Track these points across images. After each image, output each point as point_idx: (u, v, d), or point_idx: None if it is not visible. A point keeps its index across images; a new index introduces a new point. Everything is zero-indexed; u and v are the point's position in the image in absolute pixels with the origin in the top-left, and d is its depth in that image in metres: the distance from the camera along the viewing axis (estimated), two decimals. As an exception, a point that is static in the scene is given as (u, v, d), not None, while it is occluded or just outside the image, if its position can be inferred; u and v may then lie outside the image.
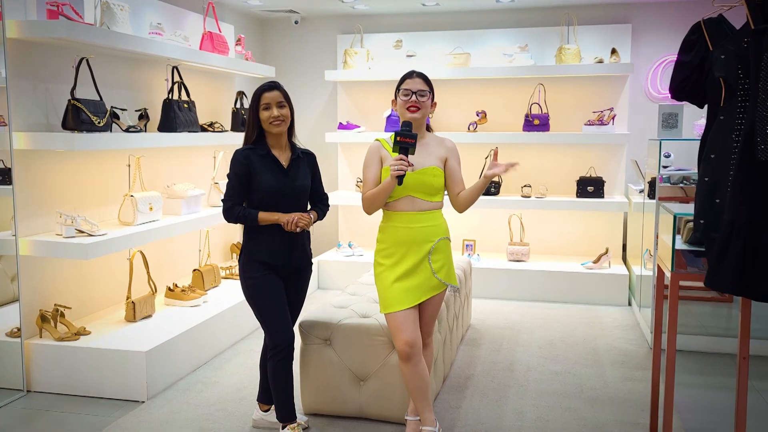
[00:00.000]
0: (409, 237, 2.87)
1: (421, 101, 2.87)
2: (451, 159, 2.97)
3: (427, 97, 2.89)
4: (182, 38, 4.64)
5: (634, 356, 4.25)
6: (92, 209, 4.15)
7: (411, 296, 2.86)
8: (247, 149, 2.97)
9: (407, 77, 2.92)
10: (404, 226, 2.88)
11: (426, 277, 2.88)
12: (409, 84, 2.88)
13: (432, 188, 2.89)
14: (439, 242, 2.91)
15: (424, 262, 2.88)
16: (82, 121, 3.69)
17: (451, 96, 6.24)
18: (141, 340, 3.71)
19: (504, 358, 4.20)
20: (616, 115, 5.84)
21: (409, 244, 2.87)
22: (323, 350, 3.29)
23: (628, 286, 5.51)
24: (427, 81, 2.93)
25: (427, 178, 2.87)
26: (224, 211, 2.98)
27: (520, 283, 5.67)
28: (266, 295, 2.95)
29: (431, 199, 2.90)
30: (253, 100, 2.95)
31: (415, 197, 2.88)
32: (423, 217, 2.89)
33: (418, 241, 2.88)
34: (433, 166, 2.90)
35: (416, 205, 2.88)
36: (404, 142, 2.74)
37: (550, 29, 6.02)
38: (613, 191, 6.03)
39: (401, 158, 2.72)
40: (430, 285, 2.89)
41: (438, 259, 2.91)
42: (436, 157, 2.93)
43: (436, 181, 2.89)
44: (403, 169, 2.71)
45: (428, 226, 2.89)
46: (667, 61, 5.92)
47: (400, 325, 2.84)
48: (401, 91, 2.89)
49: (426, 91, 2.89)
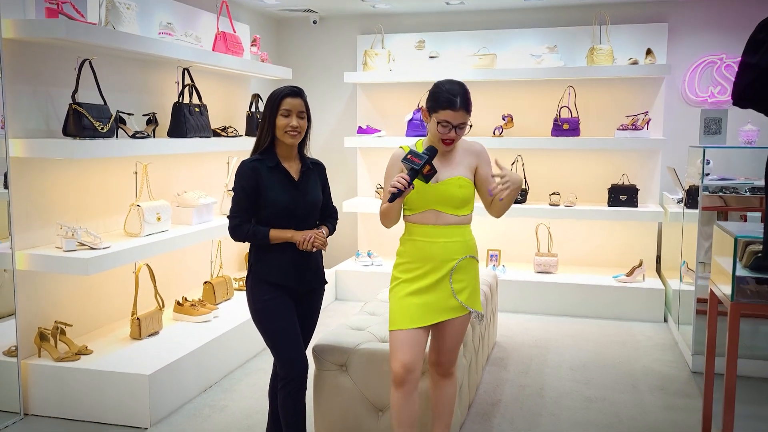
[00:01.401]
0: (430, 253, 2.60)
1: (459, 135, 2.58)
2: (482, 166, 2.66)
3: (465, 128, 2.58)
4: (194, 39, 4.41)
5: (675, 380, 3.93)
6: (97, 220, 3.93)
7: (423, 315, 2.58)
8: (254, 160, 2.72)
9: (449, 106, 2.50)
10: (426, 241, 2.61)
11: (444, 296, 2.60)
12: (451, 116, 2.51)
13: (458, 200, 2.60)
14: (464, 261, 2.62)
15: (444, 281, 2.60)
16: (84, 127, 3.46)
17: (475, 99, 5.81)
18: (145, 361, 3.48)
19: (533, 382, 3.91)
20: (650, 119, 5.52)
21: (429, 260, 2.60)
22: (338, 377, 3.03)
23: (663, 302, 5.18)
24: (469, 109, 2.56)
25: (452, 190, 2.59)
26: (231, 229, 2.72)
27: (548, 297, 5.37)
28: (277, 319, 2.69)
29: (458, 212, 2.62)
30: (271, 102, 2.68)
31: (440, 211, 2.60)
32: (447, 231, 2.61)
33: (440, 258, 2.60)
34: (459, 177, 2.61)
35: (440, 218, 2.61)
36: (410, 161, 2.48)
37: (580, 29, 5.72)
38: (647, 200, 5.71)
39: (402, 176, 2.47)
40: (448, 306, 2.60)
41: (461, 279, 2.62)
42: (463, 166, 2.64)
43: (463, 193, 2.60)
44: (397, 188, 2.46)
45: (452, 242, 2.61)
46: (706, 62, 5.58)
47: (402, 344, 2.57)
48: (440, 123, 2.54)
49: (466, 123, 2.57)
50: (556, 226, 5.82)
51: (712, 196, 4.10)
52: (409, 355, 2.57)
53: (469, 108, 2.56)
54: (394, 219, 2.64)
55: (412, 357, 2.57)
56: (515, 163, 5.81)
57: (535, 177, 5.89)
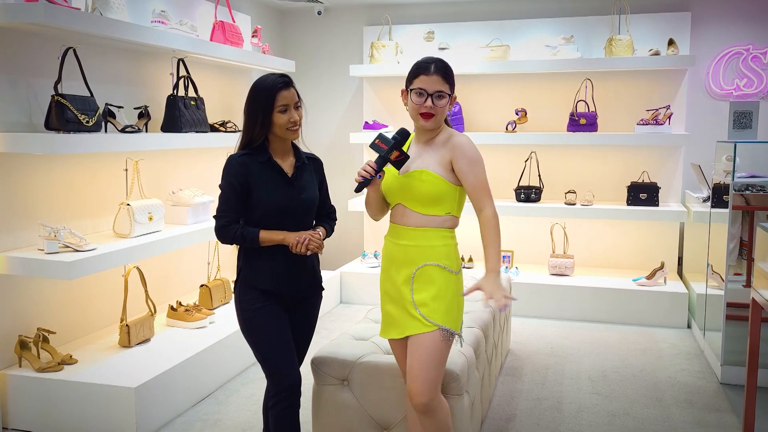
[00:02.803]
0: (393, 255, 2.39)
1: (438, 107, 2.29)
2: (457, 160, 2.30)
3: (446, 99, 2.31)
4: (189, 28, 4.16)
5: (703, 393, 3.65)
6: (85, 220, 3.69)
7: (395, 326, 2.40)
8: (243, 155, 2.46)
9: (422, 71, 2.30)
10: (391, 241, 2.41)
11: (405, 309, 2.34)
12: (425, 82, 2.28)
13: (422, 197, 2.31)
14: (426, 269, 2.30)
15: (404, 288, 2.34)
16: (68, 120, 3.22)
17: (487, 93, 5.70)
18: (132, 371, 3.24)
19: (550, 394, 3.64)
20: (672, 113, 5.24)
21: (392, 261, 2.39)
22: (339, 392, 2.77)
23: (687, 307, 4.89)
24: (448, 77, 2.32)
25: (414, 184, 2.31)
26: (217, 230, 2.47)
27: (564, 301, 5.10)
28: (267, 330, 2.44)
29: (425, 211, 2.32)
30: (263, 98, 2.41)
31: (407, 207, 2.35)
32: (410, 233, 2.34)
33: (400, 262, 2.36)
34: (423, 169, 2.32)
35: (405, 217, 2.36)
36: (377, 146, 2.30)
37: (598, 18, 5.44)
38: (669, 198, 5.43)
39: (368, 163, 2.30)
40: (412, 321, 2.31)
41: (424, 289, 2.31)
42: (433, 159, 2.34)
43: (426, 188, 2.30)
44: (362, 174, 2.28)
45: (413, 246, 2.32)
46: (732, 53, 5.28)
47: (397, 354, 2.49)
48: (414, 90, 2.31)
49: (445, 92, 2.30)
50: (572, 226, 5.54)
51: (739, 194, 3.84)
52: (404, 363, 2.42)
53: (448, 76, 2.32)
54: (377, 210, 2.48)
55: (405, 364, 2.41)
56: (529, 160, 5.54)
57: (550, 174, 5.61)
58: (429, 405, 2.27)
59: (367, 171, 2.29)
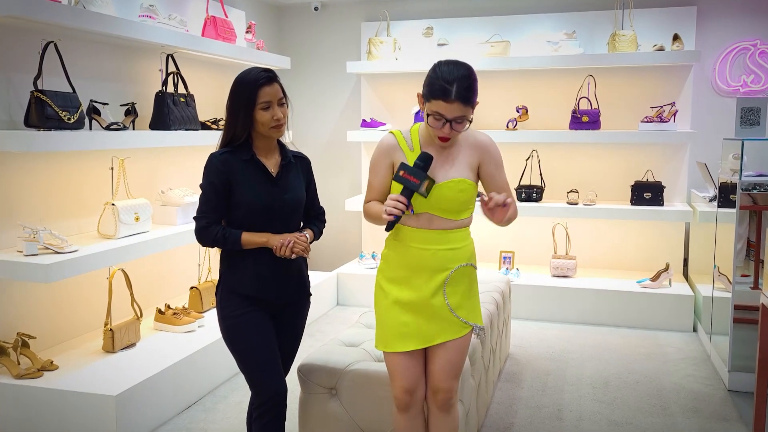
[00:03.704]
0: (421, 261, 2.23)
1: (456, 131, 2.15)
2: (486, 164, 2.26)
3: (465, 122, 2.15)
4: (178, 22, 4.04)
5: (709, 401, 3.51)
6: (69, 221, 3.58)
7: (419, 336, 2.25)
8: (225, 152, 2.35)
9: (442, 96, 2.07)
10: (416, 247, 2.23)
11: (441, 315, 2.24)
12: (444, 108, 2.08)
13: (458, 205, 2.21)
14: (459, 270, 2.25)
15: (438, 295, 2.22)
16: (48, 117, 3.10)
17: (487, 90, 5.55)
18: (115, 378, 3.11)
19: (550, 401, 3.51)
20: (677, 110, 5.10)
21: (420, 269, 2.23)
22: (327, 402, 2.64)
23: (692, 309, 4.75)
24: (469, 100, 2.09)
25: (452, 195, 2.19)
26: (197, 232, 2.35)
27: (566, 303, 4.96)
28: (249, 338, 2.32)
29: (456, 217, 2.23)
30: (244, 94, 2.31)
31: (435, 215, 2.22)
32: (442, 237, 2.22)
33: (432, 268, 2.23)
34: (460, 179, 2.21)
35: (434, 223, 2.22)
36: (406, 180, 2.11)
37: (601, 13, 5.30)
38: (674, 198, 5.29)
39: (398, 199, 2.10)
40: (445, 324, 2.24)
41: (456, 291, 2.24)
42: (465, 165, 2.24)
43: (464, 197, 2.21)
44: (394, 213, 2.10)
45: (446, 250, 2.23)
46: (739, 49, 5.13)
47: (399, 368, 2.27)
48: (431, 114, 2.13)
49: (466, 117, 2.13)
50: (575, 227, 5.40)
51: (747, 193, 3.70)
52: (410, 378, 2.26)
53: (471, 99, 2.10)
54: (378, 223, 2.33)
55: (413, 380, 2.27)
56: (530, 159, 5.40)
57: (552, 173, 5.48)
58: (453, 399, 2.31)
59: (398, 208, 2.09)
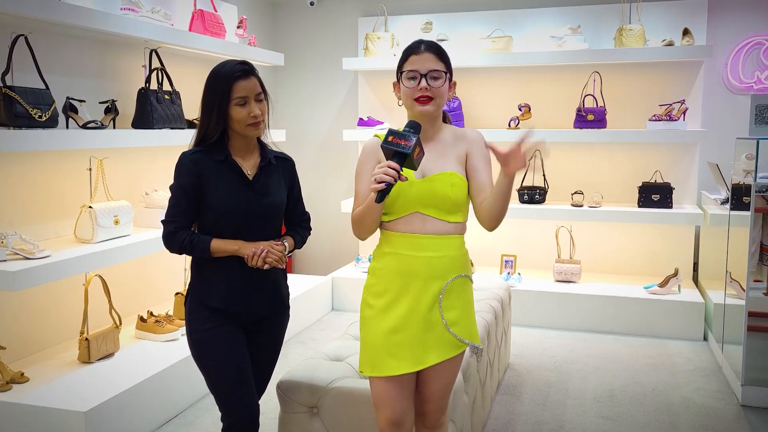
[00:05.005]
0: (413, 269, 2.02)
1: (434, 88, 2.01)
2: (472, 156, 2.08)
3: (442, 79, 2.03)
4: (162, 16, 3.86)
5: (721, 417, 3.30)
6: (46, 224, 3.41)
7: (410, 358, 2.02)
8: (197, 152, 2.17)
9: (412, 51, 2.06)
10: (408, 254, 2.02)
11: (435, 332, 2.02)
12: (416, 62, 2.03)
13: (449, 202, 2.02)
14: (456, 281, 2.05)
15: (433, 310, 2.02)
16: (17, 115, 2.93)
17: (489, 87, 5.37)
18: (87, 391, 2.93)
19: (551, 416, 3.30)
20: (687, 108, 4.89)
21: (412, 280, 2.02)
22: (308, 421, 2.45)
23: (703, 317, 4.54)
24: (441, 55, 2.07)
25: (442, 188, 2.01)
26: (164, 237, 2.18)
27: (569, 309, 4.76)
28: (218, 354, 2.14)
29: (448, 218, 2.03)
30: (218, 89, 2.11)
31: (426, 215, 2.02)
32: (435, 243, 2.02)
33: (425, 277, 2.02)
34: (451, 172, 2.03)
35: (427, 225, 2.02)
36: (396, 144, 1.89)
37: (607, 7, 5.09)
38: (683, 200, 5.08)
39: (389, 165, 1.88)
40: (441, 344, 2.03)
41: (453, 306, 2.04)
42: (454, 158, 2.07)
43: (455, 192, 2.01)
44: (384, 180, 1.86)
45: (440, 257, 2.02)
46: (752, 44, 4.91)
47: (386, 396, 2.04)
48: (405, 73, 2.05)
49: (441, 71, 2.03)
50: (579, 230, 5.19)
51: (762, 195, 3.50)
52: (398, 409, 2.03)
53: (441, 54, 2.07)
54: (372, 225, 2.05)
55: (400, 411, 2.04)
56: (533, 159, 5.20)
57: (555, 174, 5.27)
58: (442, 419, 2.18)
59: (390, 174, 1.86)
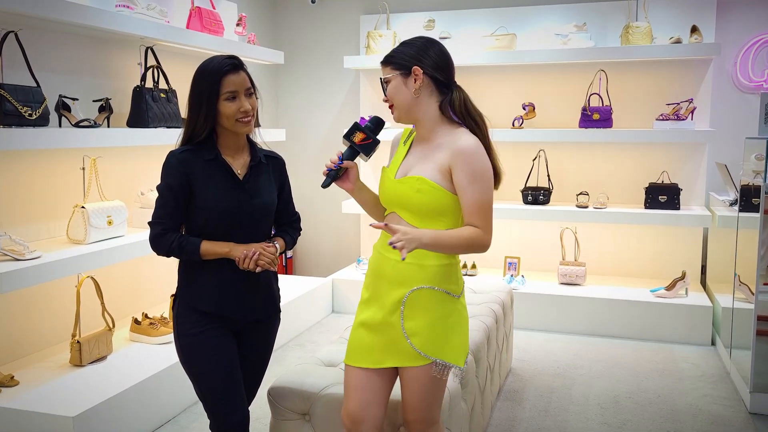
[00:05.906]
0: (382, 270, 2.01)
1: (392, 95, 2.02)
2: (456, 171, 1.92)
3: (396, 81, 2.00)
4: (157, 13, 3.79)
5: (729, 425, 3.20)
6: (39, 224, 3.35)
7: (371, 354, 2.01)
8: (185, 151, 2.10)
9: None
10: (381, 253, 2.03)
11: (393, 336, 1.98)
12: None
13: (418, 209, 1.95)
14: (419, 293, 1.95)
15: (394, 314, 1.97)
16: (6, 113, 2.87)
17: (492, 85, 5.28)
18: (77, 396, 2.86)
19: (554, 423, 3.22)
20: (696, 107, 4.79)
21: (380, 279, 2.02)
22: (300, 429, 2.38)
23: (711, 321, 4.43)
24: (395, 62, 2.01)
25: (407, 192, 1.96)
26: (151, 239, 2.10)
27: (574, 313, 4.66)
28: (207, 360, 2.06)
29: (423, 224, 1.95)
30: (207, 84, 2.04)
31: (401, 217, 1.99)
32: None
33: (389, 279, 1.98)
34: (419, 177, 1.95)
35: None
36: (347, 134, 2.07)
37: (613, 3, 5.00)
38: (691, 201, 4.97)
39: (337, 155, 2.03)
40: (400, 352, 1.98)
41: (416, 316, 1.95)
42: (432, 163, 1.97)
43: (420, 199, 1.93)
44: (327, 166, 2.02)
45: (407, 264, 1.94)
46: (762, 41, 4.81)
47: (351, 386, 2.04)
48: None
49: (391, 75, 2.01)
50: (584, 231, 5.10)
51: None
52: (357, 402, 2.01)
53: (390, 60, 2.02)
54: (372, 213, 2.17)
55: (360, 405, 2.01)
56: (537, 159, 5.11)
57: (560, 174, 5.18)
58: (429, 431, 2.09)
59: (332, 160, 2.02)
